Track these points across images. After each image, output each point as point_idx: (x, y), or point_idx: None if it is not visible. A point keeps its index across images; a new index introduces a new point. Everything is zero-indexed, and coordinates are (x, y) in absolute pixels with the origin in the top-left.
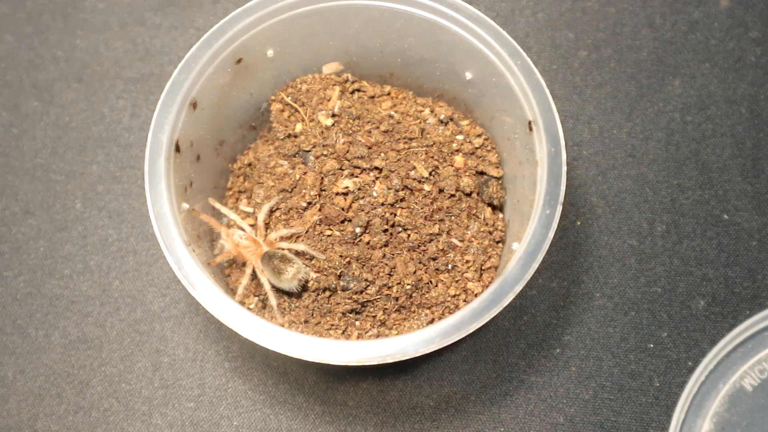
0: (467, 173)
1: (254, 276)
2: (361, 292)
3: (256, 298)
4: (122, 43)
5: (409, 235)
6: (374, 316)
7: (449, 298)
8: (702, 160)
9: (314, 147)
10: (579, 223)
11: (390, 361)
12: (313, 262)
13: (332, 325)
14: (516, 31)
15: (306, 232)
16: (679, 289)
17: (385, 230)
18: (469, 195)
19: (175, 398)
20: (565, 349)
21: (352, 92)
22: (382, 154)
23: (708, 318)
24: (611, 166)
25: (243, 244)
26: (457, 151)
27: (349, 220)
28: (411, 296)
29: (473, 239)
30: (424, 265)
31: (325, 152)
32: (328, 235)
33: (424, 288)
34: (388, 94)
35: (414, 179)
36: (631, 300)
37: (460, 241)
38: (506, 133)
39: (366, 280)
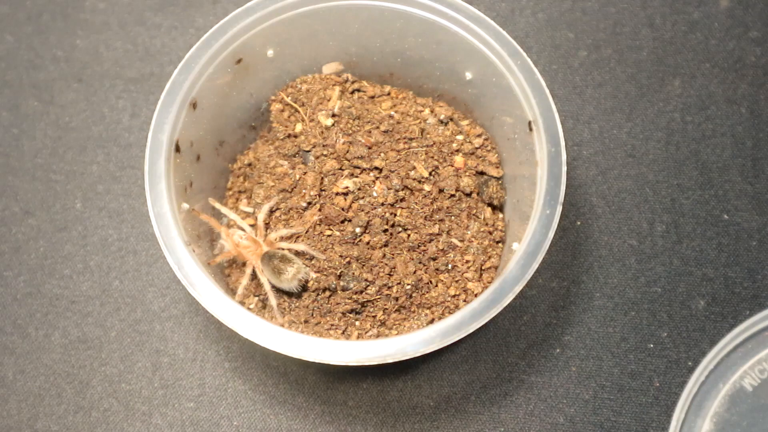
0: (467, 173)
1: (254, 276)
2: (361, 292)
3: (256, 298)
4: (122, 43)
5: (409, 235)
6: (374, 316)
7: (449, 298)
8: (702, 160)
9: (314, 147)
10: (579, 223)
11: (390, 361)
12: (313, 262)
13: (332, 325)
14: (516, 31)
15: (306, 232)
16: (679, 289)
17: (385, 230)
18: (469, 195)
19: (175, 398)
20: (565, 349)
21: (352, 92)
22: (382, 154)
23: (708, 318)
24: (611, 166)
25: (243, 244)
26: (457, 151)
27: (349, 220)
28: (411, 296)
29: (473, 239)
30: (424, 265)
31: (325, 152)
32: (328, 235)
33: (424, 288)
34: (388, 94)
35: (414, 179)
36: (631, 300)
37: (460, 241)
38: (506, 133)
39: (366, 280)
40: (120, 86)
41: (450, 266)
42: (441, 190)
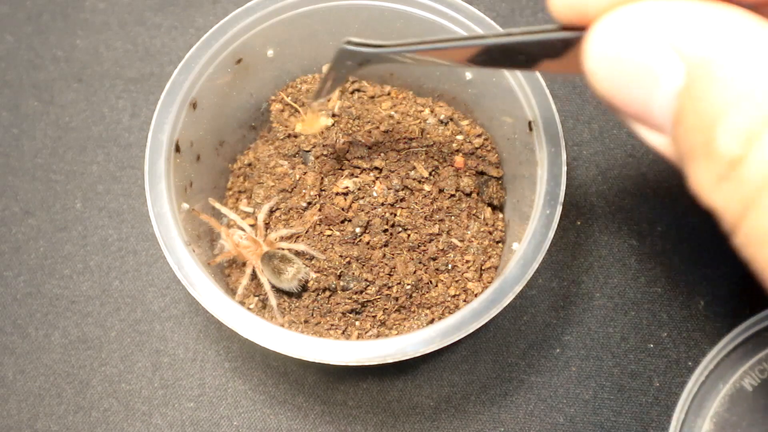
0: (467, 173)
1: (254, 276)
2: (361, 292)
3: (256, 298)
4: (122, 43)
5: (409, 235)
6: (374, 316)
7: (449, 298)
8: None
9: (314, 147)
10: (579, 223)
11: (390, 361)
12: (313, 262)
13: (332, 325)
14: None
15: (306, 232)
16: (679, 289)
17: (385, 230)
18: (469, 195)
19: (175, 398)
20: (565, 349)
21: (352, 92)
22: (382, 154)
23: (708, 318)
24: (611, 166)
25: (243, 244)
26: (457, 151)
27: (349, 220)
28: (411, 296)
29: (473, 239)
30: (424, 265)
31: (325, 152)
32: (328, 235)
33: (424, 288)
34: (388, 94)
35: (414, 179)
36: (631, 300)
37: (460, 241)
38: (506, 133)
39: (366, 280)
40: (120, 86)
41: (450, 266)
42: (441, 190)
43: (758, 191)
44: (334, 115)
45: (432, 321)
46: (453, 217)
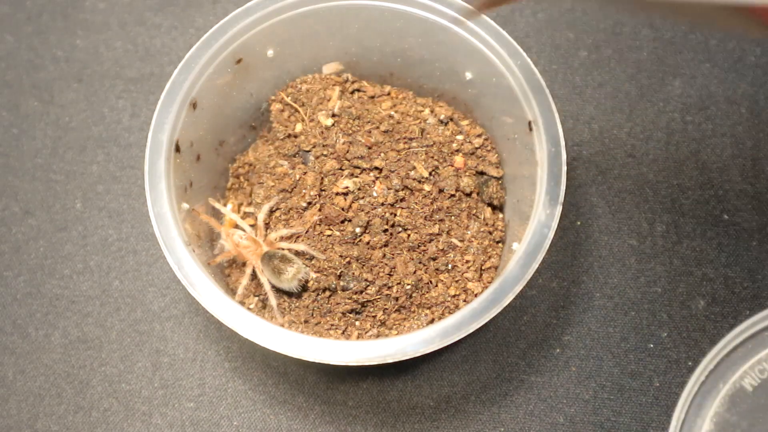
0: (467, 173)
1: (254, 276)
2: (361, 292)
3: (256, 298)
4: (122, 43)
5: (409, 235)
6: (374, 316)
7: (449, 298)
8: (702, 160)
9: (314, 147)
10: (579, 223)
11: (390, 361)
12: (313, 262)
13: (332, 325)
14: (516, 31)
15: (306, 232)
16: (679, 289)
17: (385, 230)
18: (469, 195)
19: (175, 398)
20: (565, 349)
21: (352, 92)
22: (382, 154)
23: (708, 318)
24: (611, 166)
25: (243, 244)
26: (457, 151)
27: (349, 220)
28: (411, 296)
29: (473, 239)
30: (424, 265)
31: (325, 152)
32: (328, 235)
33: (424, 288)
34: (388, 94)
35: (414, 179)
36: (631, 300)
37: (460, 241)
38: (506, 133)
39: (366, 280)
40: (120, 86)
41: (450, 266)
42: (441, 190)
43: None
44: (334, 115)
45: (432, 321)
46: (453, 217)
